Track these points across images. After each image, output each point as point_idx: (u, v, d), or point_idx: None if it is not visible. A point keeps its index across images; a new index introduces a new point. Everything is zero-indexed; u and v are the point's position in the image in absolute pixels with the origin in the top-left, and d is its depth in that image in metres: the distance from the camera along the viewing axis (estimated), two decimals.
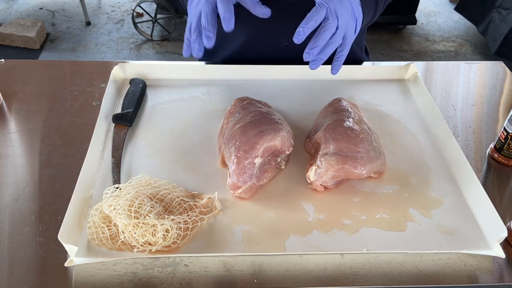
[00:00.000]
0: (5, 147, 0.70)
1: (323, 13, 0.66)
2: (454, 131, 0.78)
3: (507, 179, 0.70)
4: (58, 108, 0.79)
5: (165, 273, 0.54)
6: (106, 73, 0.85)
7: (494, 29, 2.47)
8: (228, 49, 0.94)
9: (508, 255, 0.57)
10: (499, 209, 0.61)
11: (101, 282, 0.52)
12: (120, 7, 3.16)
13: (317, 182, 0.62)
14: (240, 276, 0.54)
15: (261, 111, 0.68)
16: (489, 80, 0.93)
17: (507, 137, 0.69)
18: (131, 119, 0.74)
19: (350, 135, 0.64)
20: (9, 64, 0.89)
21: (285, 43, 0.89)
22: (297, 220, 0.60)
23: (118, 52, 2.69)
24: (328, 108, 0.73)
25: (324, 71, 0.88)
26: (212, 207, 0.61)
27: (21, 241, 0.57)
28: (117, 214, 0.54)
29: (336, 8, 0.66)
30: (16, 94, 0.81)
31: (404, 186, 0.66)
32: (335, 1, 0.66)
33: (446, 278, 0.54)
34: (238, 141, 0.62)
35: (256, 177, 0.62)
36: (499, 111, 0.84)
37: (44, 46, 2.69)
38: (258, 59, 0.91)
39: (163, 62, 0.91)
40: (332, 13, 0.66)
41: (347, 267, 0.55)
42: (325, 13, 0.66)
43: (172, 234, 0.54)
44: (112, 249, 0.54)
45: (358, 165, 0.61)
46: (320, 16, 0.65)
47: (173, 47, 2.76)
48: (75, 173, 0.62)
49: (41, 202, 0.62)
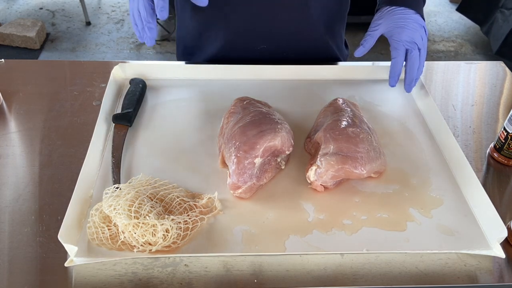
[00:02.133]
0: (5, 147, 0.70)
1: (403, 55, 0.76)
2: (454, 131, 0.78)
3: (507, 179, 0.70)
4: (58, 108, 0.79)
5: (165, 273, 0.54)
6: (106, 73, 0.85)
7: (497, 29, 2.47)
8: (206, 51, 0.93)
9: (508, 255, 0.57)
10: (499, 209, 0.61)
11: (101, 282, 0.52)
12: (120, 7, 3.16)
13: (317, 182, 0.62)
14: (240, 276, 0.54)
15: (261, 111, 0.68)
16: (489, 80, 0.93)
17: (507, 137, 0.69)
18: (131, 119, 0.74)
19: (350, 135, 0.64)
20: (9, 64, 0.89)
21: (262, 46, 0.89)
22: (297, 220, 0.60)
23: (118, 52, 2.69)
24: (328, 108, 0.73)
25: (324, 71, 0.88)
26: (212, 207, 0.61)
27: (21, 241, 0.57)
28: (117, 214, 0.54)
29: (412, 37, 0.74)
30: (16, 94, 0.81)
31: (404, 186, 0.66)
32: (407, 31, 0.74)
33: (446, 278, 0.54)
34: (238, 141, 0.62)
35: (256, 177, 0.62)
36: (499, 111, 0.84)
37: (44, 46, 2.68)
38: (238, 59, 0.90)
39: (163, 62, 0.91)
40: (411, 44, 0.75)
41: (347, 267, 0.55)
42: (404, 55, 0.75)
43: (172, 234, 0.54)
44: (112, 249, 0.54)
45: (358, 165, 0.61)
46: (402, 60, 0.76)
47: (173, 47, 2.76)
48: (75, 173, 0.62)
49: (41, 202, 0.62)
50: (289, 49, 0.90)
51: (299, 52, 0.91)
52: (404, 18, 0.76)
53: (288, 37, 0.88)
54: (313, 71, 0.88)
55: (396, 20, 0.76)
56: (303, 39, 0.89)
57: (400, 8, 0.76)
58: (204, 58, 0.94)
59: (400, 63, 0.77)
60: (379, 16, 0.78)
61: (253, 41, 0.89)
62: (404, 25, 0.75)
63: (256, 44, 0.89)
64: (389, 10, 0.77)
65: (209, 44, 0.91)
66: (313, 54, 0.92)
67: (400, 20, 0.76)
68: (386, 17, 0.77)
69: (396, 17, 0.76)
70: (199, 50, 0.94)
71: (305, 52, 0.91)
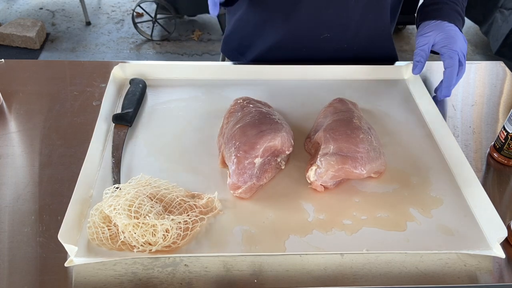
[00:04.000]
0: (5, 147, 0.70)
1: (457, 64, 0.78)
2: (454, 131, 0.78)
3: (507, 179, 0.70)
4: (58, 108, 0.79)
5: (165, 273, 0.54)
6: (106, 73, 0.85)
7: (496, 29, 2.47)
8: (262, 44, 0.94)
9: (508, 255, 0.57)
10: (499, 209, 0.61)
11: (101, 282, 0.52)
12: (120, 7, 3.16)
13: (317, 182, 0.62)
14: (240, 276, 0.54)
15: (261, 111, 0.68)
16: (489, 80, 0.93)
17: (507, 137, 0.69)
18: (131, 119, 0.74)
19: (350, 135, 0.64)
20: (9, 64, 0.89)
21: (326, 34, 0.90)
22: (297, 220, 0.60)
23: (118, 52, 2.69)
24: (328, 108, 0.73)
25: (324, 71, 0.88)
26: (212, 207, 0.61)
27: (21, 241, 0.57)
28: (117, 214, 0.54)
29: (462, 48, 0.78)
30: (16, 94, 0.81)
31: (404, 186, 0.66)
32: (459, 42, 0.77)
33: (446, 278, 0.54)
34: (238, 141, 0.62)
35: (256, 177, 0.62)
36: (499, 111, 0.84)
37: (44, 46, 2.68)
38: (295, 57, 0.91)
39: (163, 62, 0.91)
40: (461, 55, 0.78)
41: (347, 267, 0.55)
42: (458, 64, 0.78)
43: (172, 234, 0.54)
44: (112, 249, 0.54)
45: (358, 165, 0.61)
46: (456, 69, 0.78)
47: (173, 47, 2.76)
48: (75, 173, 0.62)
49: (41, 202, 0.62)
50: (352, 42, 0.91)
51: (361, 46, 0.92)
52: (454, 31, 0.79)
53: (355, 26, 0.89)
54: (313, 71, 0.88)
55: (447, 32, 0.79)
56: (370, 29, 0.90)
57: (446, 23, 0.80)
58: (262, 48, 0.94)
59: (455, 72, 0.79)
60: (427, 29, 0.81)
61: (317, 29, 0.89)
62: (456, 36, 0.78)
63: (319, 33, 0.89)
64: (437, 23, 0.80)
65: (269, 35, 0.91)
66: (375, 50, 0.94)
67: (451, 31, 0.79)
68: (435, 29, 0.80)
69: (447, 29, 0.79)
70: (258, 40, 0.94)
71: (366, 48, 0.93)
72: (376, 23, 0.89)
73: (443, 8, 0.82)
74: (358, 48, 0.92)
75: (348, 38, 0.90)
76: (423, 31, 0.81)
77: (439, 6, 0.83)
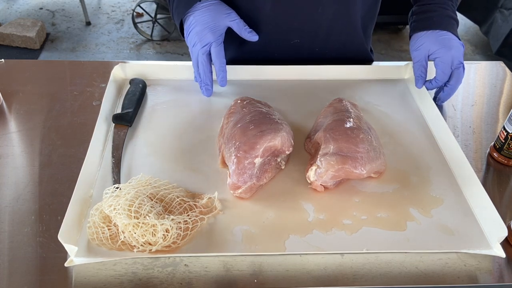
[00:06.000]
0: (5, 147, 0.70)
1: (448, 74, 0.79)
2: (454, 131, 0.78)
3: (507, 179, 0.70)
4: (58, 108, 0.79)
5: (165, 273, 0.54)
6: (106, 73, 0.85)
7: (496, 29, 2.47)
8: (235, 49, 0.93)
9: (508, 255, 0.57)
10: (499, 209, 0.61)
11: (101, 282, 0.52)
12: (120, 7, 3.16)
13: (317, 182, 0.62)
14: (240, 276, 0.54)
15: (261, 111, 0.68)
16: (489, 80, 0.93)
17: (507, 137, 0.69)
18: (131, 119, 0.74)
19: (350, 135, 0.64)
20: (9, 64, 0.89)
21: (296, 40, 0.89)
22: (297, 220, 0.60)
23: (118, 52, 2.69)
24: (328, 108, 0.73)
25: (324, 71, 0.88)
26: (212, 207, 0.61)
27: (21, 241, 0.57)
28: (117, 214, 0.54)
29: (458, 56, 0.77)
30: (16, 94, 0.81)
31: (404, 185, 0.66)
32: (453, 52, 0.77)
33: (446, 278, 0.54)
34: (238, 141, 0.62)
35: (256, 177, 0.62)
36: (499, 111, 0.84)
37: (44, 46, 2.69)
38: (268, 59, 0.90)
39: (163, 62, 0.91)
40: (457, 64, 0.78)
41: (347, 267, 0.55)
42: (450, 74, 0.79)
43: (172, 234, 0.54)
44: (112, 249, 0.54)
45: (358, 165, 0.61)
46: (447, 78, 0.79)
47: (173, 47, 2.76)
48: (75, 173, 0.62)
49: (41, 202, 0.62)
50: (323, 46, 0.91)
51: (333, 49, 0.92)
52: (447, 39, 0.78)
53: (325, 32, 0.88)
54: (313, 71, 0.88)
55: (440, 42, 0.78)
56: (341, 35, 0.90)
57: (437, 31, 0.79)
58: (238, 51, 0.93)
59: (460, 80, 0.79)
60: (419, 42, 0.80)
61: (287, 35, 0.88)
62: (449, 43, 0.77)
63: (289, 39, 0.89)
64: (428, 33, 0.79)
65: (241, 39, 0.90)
66: (347, 53, 0.93)
67: (445, 40, 0.78)
68: (426, 40, 0.79)
69: (440, 39, 0.78)
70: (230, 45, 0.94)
71: (339, 50, 0.92)
72: (347, 29, 0.89)
73: (432, 16, 0.80)
74: (331, 51, 0.92)
75: (319, 43, 0.90)
76: (415, 45, 0.80)
77: (428, 15, 0.81)
